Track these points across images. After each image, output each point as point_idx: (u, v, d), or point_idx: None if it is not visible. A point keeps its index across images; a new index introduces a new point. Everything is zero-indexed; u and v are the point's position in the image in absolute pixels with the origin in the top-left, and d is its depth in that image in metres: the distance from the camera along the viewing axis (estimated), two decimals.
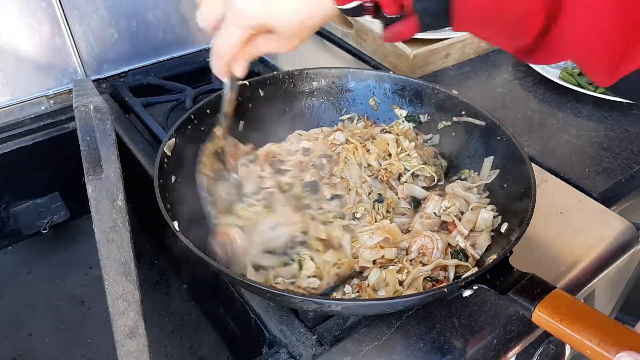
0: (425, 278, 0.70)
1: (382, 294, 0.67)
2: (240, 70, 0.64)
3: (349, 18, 1.26)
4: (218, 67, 0.63)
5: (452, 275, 0.70)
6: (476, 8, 0.51)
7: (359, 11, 0.55)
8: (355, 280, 0.70)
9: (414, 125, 0.93)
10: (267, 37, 0.59)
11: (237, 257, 0.69)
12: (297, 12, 0.55)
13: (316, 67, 0.95)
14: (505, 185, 0.78)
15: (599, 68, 0.52)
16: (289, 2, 0.55)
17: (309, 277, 0.68)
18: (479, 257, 0.72)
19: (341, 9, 0.55)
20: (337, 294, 0.69)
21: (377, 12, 0.56)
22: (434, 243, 0.72)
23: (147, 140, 0.98)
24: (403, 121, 0.93)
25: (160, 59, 1.16)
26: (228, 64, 0.62)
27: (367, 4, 0.55)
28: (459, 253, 0.72)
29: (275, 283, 0.68)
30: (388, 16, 0.55)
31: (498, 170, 0.81)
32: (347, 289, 0.69)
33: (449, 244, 0.74)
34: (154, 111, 1.05)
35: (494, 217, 0.76)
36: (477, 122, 0.84)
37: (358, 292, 0.69)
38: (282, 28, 0.57)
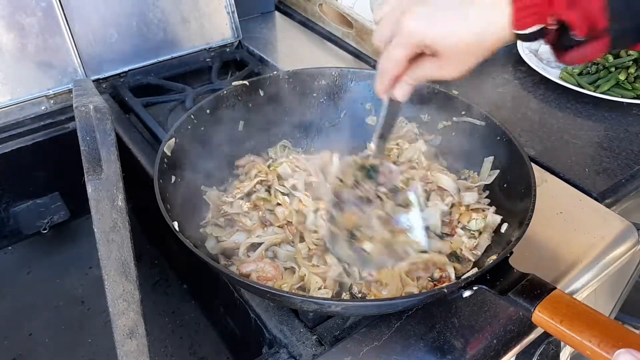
0: (427, 278, 0.70)
1: (385, 292, 0.67)
2: (401, 93, 0.62)
3: (349, 18, 1.26)
4: (379, 85, 0.62)
5: (453, 275, 0.70)
6: None
7: (537, 36, 0.52)
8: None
9: (417, 125, 0.92)
10: (432, 60, 0.57)
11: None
12: (465, 36, 0.53)
13: (316, 67, 0.95)
14: (505, 185, 0.78)
15: None
16: (457, 25, 0.53)
17: (319, 289, 0.68)
18: (474, 260, 0.72)
19: (519, 34, 0.52)
20: (344, 295, 0.69)
21: (559, 36, 0.52)
22: None
23: (147, 140, 0.98)
24: (406, 123, 0.93)
25: (160, 59, 1.16)
26: (389, 82, 0.61)
27: (551, 27, 0.51)
28: (452, 256, 0.72)
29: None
30: (573, 39, 0.51)
31: (498, 171, 0.81)
32: (354, 289, 0.69)
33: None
34: (154, 111, 1.05)
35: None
36: (477, 122, 0.84)
37: (360, 292, 0.69)
38: (446, 51, 0.54)
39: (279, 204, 0.78)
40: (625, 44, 0.52)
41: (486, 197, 0.81)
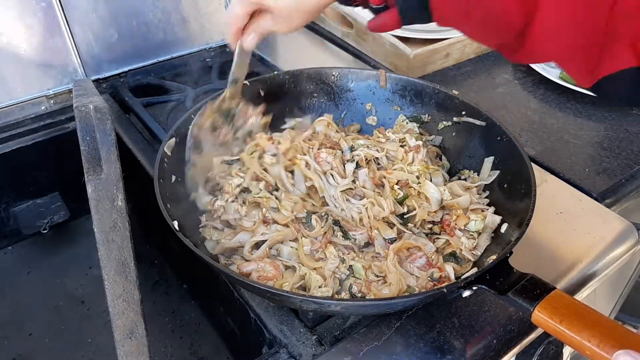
0: (426, 278, 0.70)
1: (385, 291, 0.67)
2: (248, 42, 0.74)
3: (349, 18, 1.26)
4: (228, 35, 0.75)
5: (452, 275, 0.70)
6: (452, 3, 0.55)
7: (350, 0, 0.65)
8: (352, 279, 0.70)
9: (418, 125, 0.92)
10: (268, 16, 0.69)
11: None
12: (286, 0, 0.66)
13: (316, 67, 0.95)
14: (505, 186, 0.78)
15: (577, 70, 0.54)
16: None
17: (319, 287, 0.68)
18: (473, 260, 0.72)
19: None
20: (344, 295, 0.69)
21: (365, 2, 0.63)
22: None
23: (147, 140, 0.98)
24: (407, 122, 0.93)
25: (160, 59, 1.16)
26: (236, 32, 0.73)
27: None
28: (451, 256, 0.72)
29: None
30: (374, 7, 0.62)
31: (498, 172, 0.80)
32: (354, 288, 0.69)
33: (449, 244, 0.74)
34: (154, 111, 1.05)
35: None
36: (477, 122, 0.84)
37: (360, 291, 0.69)
38: (276, 10, 0.67)
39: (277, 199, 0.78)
40: (414, 19, 0.60)
41: (486, 197, 0.81)
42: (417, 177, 0.82)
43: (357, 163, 0.83)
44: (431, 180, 0.82)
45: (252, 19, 0.71)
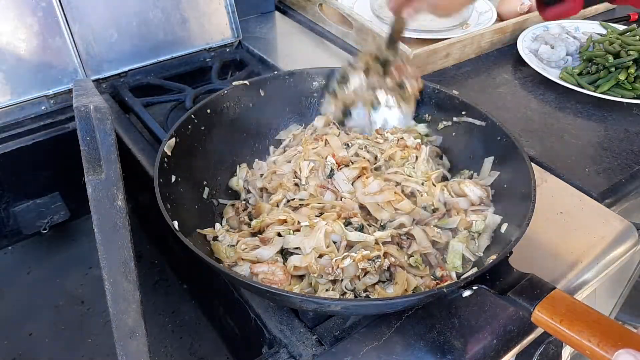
0: (429, 276, 0.70)
1: (390, 290, 0.67)
2: (407, 13, 0.79)
3: (349, 18, 1.26)
4: (391, 3, 0.79)
5: (454, 274, 0.70)
6: None
7: None
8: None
9: (425, 125, 0.92)
10: None
11: None
12: None
13: (316, 67, 0.95)
14: (505, 186, 0.78)
15: None
16: None
17: (326, 290, 0.68)
18: (474, 260, 0.72)
19: None
20: (348, 295, 0.69)
21: None
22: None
23: (147, 140, 0.98)
24: (415, 125, 0.93)
25: (160, 59, 1.16)
26: (399, 4, 0.78)
27: None
28: None
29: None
30: None
31: (498, 172, 0.80)
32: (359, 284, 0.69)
33: None
34: (154, 111, 1.05)
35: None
36: (477, 122, 0.84)
37: (365, 291, 0.69)
38: None
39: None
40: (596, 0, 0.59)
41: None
42: (422, 183, 0.81)
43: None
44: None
45: None
